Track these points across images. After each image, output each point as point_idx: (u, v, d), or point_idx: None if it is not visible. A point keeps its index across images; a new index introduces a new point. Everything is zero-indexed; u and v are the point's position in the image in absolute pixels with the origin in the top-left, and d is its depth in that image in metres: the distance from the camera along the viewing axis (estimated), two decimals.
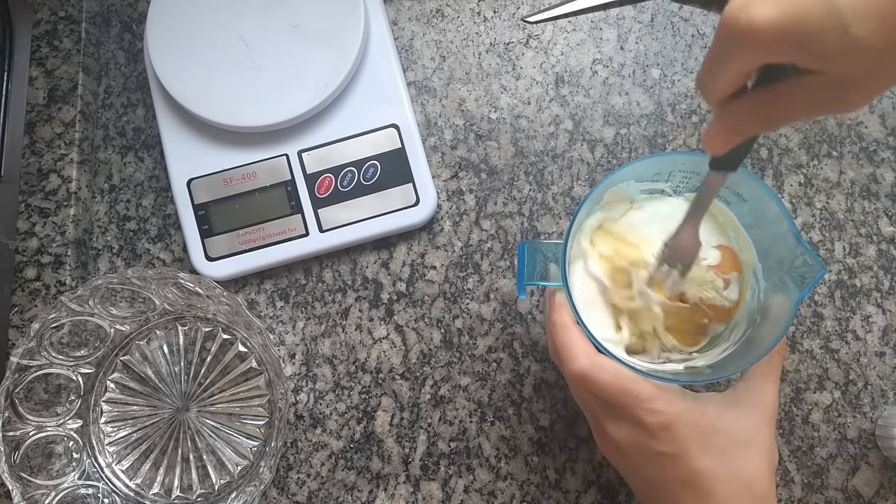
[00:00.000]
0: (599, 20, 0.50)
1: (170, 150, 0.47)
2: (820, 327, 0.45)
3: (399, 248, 0.48)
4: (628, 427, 0.33)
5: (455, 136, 0.49)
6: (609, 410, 0.34)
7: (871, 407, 0.44)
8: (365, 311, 0.47)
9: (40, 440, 0.42)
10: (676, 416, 0.32)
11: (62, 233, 0.47)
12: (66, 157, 0.48)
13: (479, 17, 0.51)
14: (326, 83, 0.45)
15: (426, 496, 0.45)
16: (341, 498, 0.45)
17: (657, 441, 0.32)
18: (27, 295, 0.46)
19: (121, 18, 0.52)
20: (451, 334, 0.46)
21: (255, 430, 0.45)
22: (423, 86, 0.50)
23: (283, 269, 0.48)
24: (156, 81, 0.48)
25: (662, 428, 0.32)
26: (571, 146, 0.48)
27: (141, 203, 0.49)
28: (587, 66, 0.49)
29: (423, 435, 0.45)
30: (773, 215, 0.33)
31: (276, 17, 0.46)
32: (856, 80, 0.23)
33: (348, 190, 0.46)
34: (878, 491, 0.43)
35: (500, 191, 0.48)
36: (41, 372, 0.42)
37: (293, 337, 0.47)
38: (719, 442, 0.33)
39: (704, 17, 0.50)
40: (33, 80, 0.49)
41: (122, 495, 0.44)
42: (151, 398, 0.46)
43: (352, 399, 0.46)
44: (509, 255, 0.47)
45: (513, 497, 0.44)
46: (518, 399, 0.45)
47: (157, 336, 0.46)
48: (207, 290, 0.42)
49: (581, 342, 0.34)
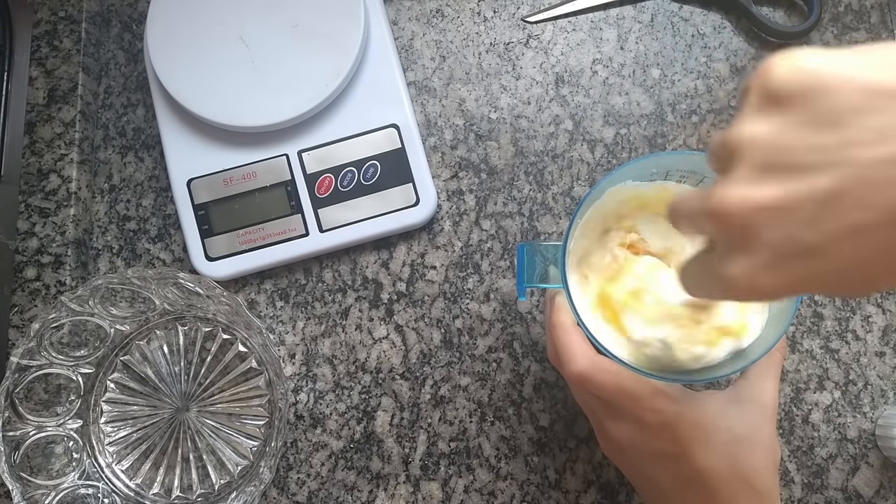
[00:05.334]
0: (599, 20, 0.50)
1: (170, 150, 0.47)
2: (820, 327, 0.45)
3: (399, 248, 0.48)
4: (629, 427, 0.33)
5: (455, 136, 0.49)
6: (610, 411, 0.34)
7: (871, 407, 0.44)
8: (365, 311, 0.47)
9: (40, 440, 0.42)
10: (677, 415, 0.32)
11: (62, 233, 0.47)
12: (66, 157, 0.48)
13: (479, 17, 0.51)
14: (326, 83, 0.45)
15: (426, 496, 0.45)
16: (341, 498, 0.45)
17: (658, 440, 0.33)
18: (27, 295, 0.46)
19: (121, 18, 0.52)
20: (451, 334, 0.46)
21: (255, 430, 0.45)
22: (423, 86, 0.50)
23: (283, 269, 0.48)
24: (156, 81, 0.48)
25: (663, 427, 0.32)
26: (571, 146, 0.48)
27: (141, 203, 0.49)
28: (587, 66, 0.49)
29: (423, 435, 0.45)
30: None
31: (276, 17, 0.46)
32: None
33: (348, 190, 0.46)
34: (878, 491, 0.43)
35: (500, 191, 0.48)
36: (41, 372, 0.42)
37: (293, 337, 0.47)
38: (721, 440, 0.33)
39: (704, 17, 0.50)
40: (33, 80, 0.49)
41: (122, 495, 0.44)
42: (151, 398, 0.46)
43: (352, 399, 0.46)
44: (509, 255, 0.47)
45: (513, 497, 0.44)
46: (518, 399, 0.45)
47: (157, 336, 0.46)
48: (207, 290, 0.42)
49: (580, 343, 0.34)
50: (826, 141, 0.19)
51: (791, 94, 0.20)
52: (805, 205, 0.19)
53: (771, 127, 0.20)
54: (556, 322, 0.34)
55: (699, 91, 0.49)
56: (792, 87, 0.20)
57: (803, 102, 0.20)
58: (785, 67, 0.20)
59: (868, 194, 0.19)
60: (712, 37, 0.49)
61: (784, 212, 0.20)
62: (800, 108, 0.20)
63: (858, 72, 0.19)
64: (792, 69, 0.20)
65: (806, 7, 0.49)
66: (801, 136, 0.20)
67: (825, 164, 0.19)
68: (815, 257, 0.20)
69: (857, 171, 0.19)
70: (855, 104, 0.19)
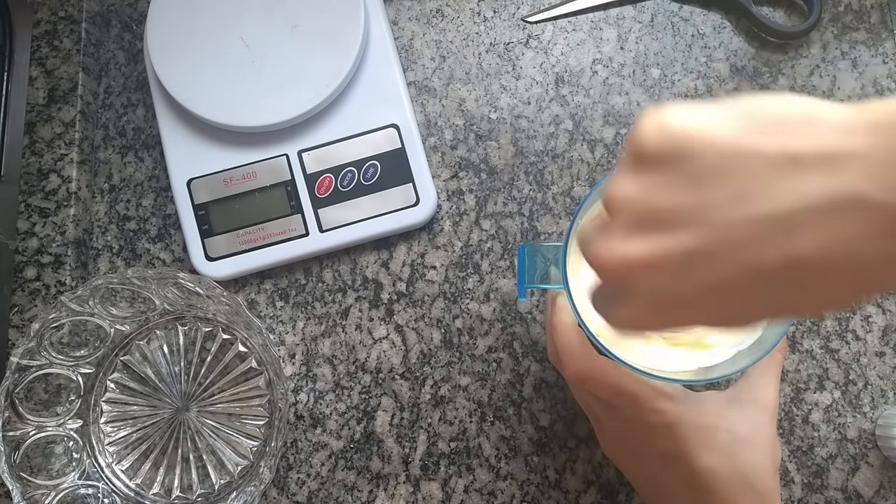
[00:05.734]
0: (599, 20, 0.50)
1: (170, 150, 0.47)
2: (820, 327, 0.45)
3: (399, 248, 0.48)
4: (630, 428, 0.33)
5: (455, 136, 0.49)
6: (610, 412, 0.34)
7: (871, 407, 0.44)
8: (365, 311, 0.47)
9: (40, 440, 0.42)
10: (678, 416, 0.32)
11: (62, 233, 0.47)
12: (66, 157, 0.48)
13: (479, 17, 0.51)
14: (326, 83, 0.45)
15: (426, 496, 0.45)
16: (341, 498, 0.45)
17: (659, 441, 0.33)
18: (27, 295, 0.46)
19: (121, 18, 0.52)
20: (451, 334, 0.46)
21: (255, 430, 0.45)
22: (423, 86, 0.50)
23: (283, 269, 0.48)
24: (156, 81, 0.48)
25: (664, 428, 0.32)
26: (571, 146, 0.48)
27: (141, 203, 0.49)
28: (587, 66, 0.49)
29: (423, 435, 0.45)
30: None
31: (276, 17, 0.46)
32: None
33: (348, 190, 0.46)
34: (878, 491, 0.43)
35: (500, 191, 0.48)
36: (41, 372, 0.42)
37: (293, 337, 0.47)
38: (721, 440, 0.33)
39: (704, 17, 0.50)
40: (33, 80, 0.49)
41: (122, 495, 0.44)
42: (151, 398, 0.46)
43: (352, 399, 0.46)
44: (509, 255, 0.47)
45: (513, 497, 0.44)
46: (518, 399, 0.45)
47: (157, 336, 0.46)
48: (207, 290, 0.42)
49: (581, 344, 0.34)
50: (689, 201, 0.20)
51: (658, 155, 0.21)
52: (671, 260, 0.20)
53: (640, 186, 0.21)
54: (556, 323, 0.34)
55: (699, 91, 0.49)
56: (659, 149, 0.21)
57: (669, 163, 0.21)
58: (652, 129, 0.21)
59: (728, 253, 0.20)
60: (712, 37, 0.49)
61: (653, 268, 0.21)
62: (666, 168, 0.21)
63: (719, 130, 0.20)
64: (659, 130, 0.21)
65: (806, 7, 0.49)
66: (667, 196, 0.21)
67: (689, 223, 0.20)
68: (687, 307, 0.21)
69: (717, 230, 0.20)
70: (715, 165, 0.20)
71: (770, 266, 0.19)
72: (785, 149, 0.19)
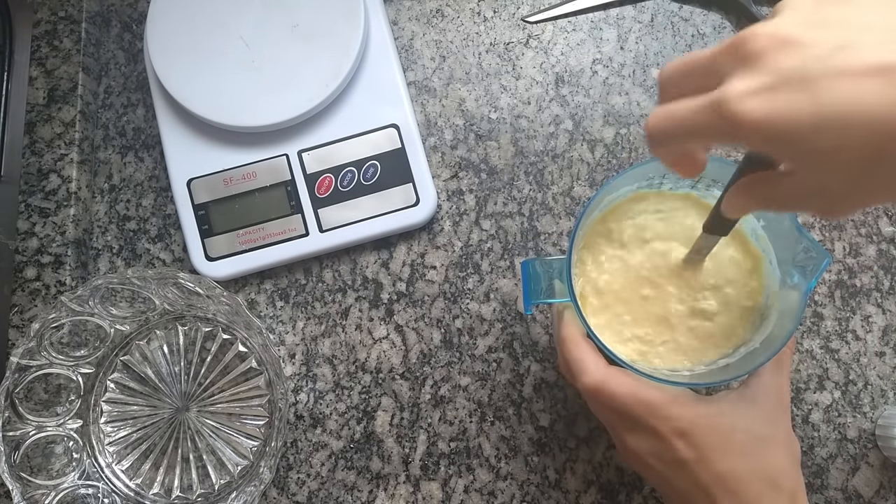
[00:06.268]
0: (599, 20, 0.50)
1: (170, 150, 0.47)
2: (820, 327, 0.45)
3: (399, 248, 0.48)
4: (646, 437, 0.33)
5: (455, 136, 0.49)
6: (626, 422, 0.34)
7: (871, 407, 0.44)
8: (365, 311, 0.47)
9: (40, 440, 0.42)
10: (692, 421, 0.32)
11: (62, 233, 0.47)
12: (66, 157, 0.48)
13: (479, 17, 0.51)
14: (326, 83, 0.45)
15: (426, 496, 0.45)
16: (341, 498, 0.45)
17: (676, 448, 0.32)
18: (27, 295, 0.46)
19: (121, 18, 0.52)
20: (451, 334, 0.46)
21: (255, 430, 0.45)
22: (423, 86, 0.50)
23: (283, 269, 0.48)
24: (156, 81, 0.48)
25: (680, 434, 0.32)
26: (571, 146, 0.48)
27: (141, 203, 0.49)
28: (587, 66, 0.49)
29: (423, 435, 0.45)
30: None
31: (276, 17, 0.46)
32: (831, 190, 0.24)
33: (348, 190, 0.46)
34: (878, 491, 0.43)
35: (500, 191, 0.48)
36: (41, 372, 0.42)
37: (293, 337, 0.47)
38: (739, 441, 0.32)
39: (704, 17, 0.50)
40: (33, 80, 0.49)
41: (122, 495, 0.44)
42: (151, 398, 0.46)
43: (352, 399, 0.46)
44: (509, 255, 0.47)
45: (513, 497, 0.44)
46: (518, 399, 0.45)
47: (157, 336, 0.46)
48: (207, 290, 0.42)
49: (591, 355, 0.33)
50: (841, 13, 0.23)
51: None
52: (822, 46, 0.22)
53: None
54: (566, 336, 0.34)
55: None
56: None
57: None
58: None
59: (871, 50, 0.22)
60: (712, 37, 0.49)
61: (803, 46, 0.22)
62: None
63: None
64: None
65: None
66: (832, 6, 0.23)
67: (846, 27, 0.22)
68: (804, 91, 0.22)
69: (867, 34, 0.22)
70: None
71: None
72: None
